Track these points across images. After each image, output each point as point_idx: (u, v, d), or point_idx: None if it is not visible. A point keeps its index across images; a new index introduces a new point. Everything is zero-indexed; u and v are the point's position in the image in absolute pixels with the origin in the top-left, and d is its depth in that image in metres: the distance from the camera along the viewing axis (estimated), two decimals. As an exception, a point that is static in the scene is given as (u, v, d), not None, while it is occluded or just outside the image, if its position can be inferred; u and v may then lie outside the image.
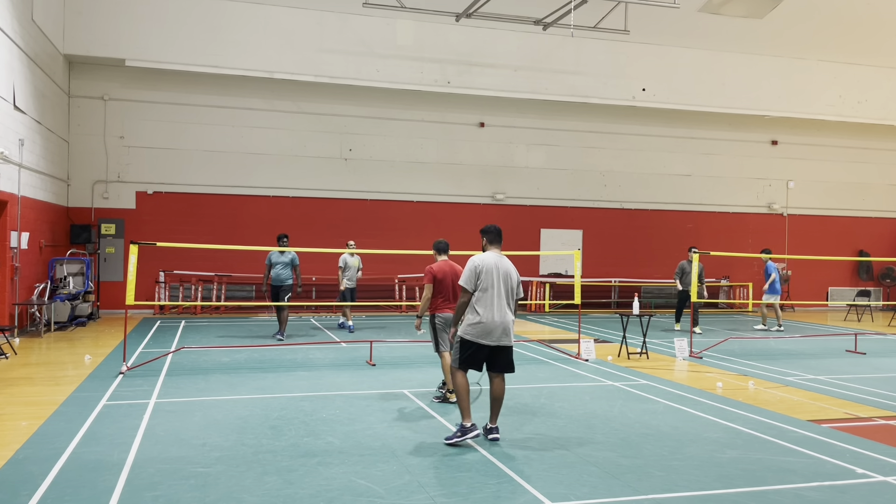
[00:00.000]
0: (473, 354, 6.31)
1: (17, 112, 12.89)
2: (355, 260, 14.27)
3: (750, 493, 5.11)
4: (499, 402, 6.40)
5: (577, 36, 18.06)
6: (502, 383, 6.43)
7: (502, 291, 6.30)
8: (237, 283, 18.07)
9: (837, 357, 11.95)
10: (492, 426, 6.39)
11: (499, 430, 6.41)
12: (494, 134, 20.29)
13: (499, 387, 6.40)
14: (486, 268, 6.29)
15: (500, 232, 6.60)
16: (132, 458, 5.69)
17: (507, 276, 6.35)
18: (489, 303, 6.24)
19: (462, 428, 6.22)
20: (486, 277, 6.27)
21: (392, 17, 17.46)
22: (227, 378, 9.23)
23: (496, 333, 6.25)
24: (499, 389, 6.39)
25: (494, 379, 6.43)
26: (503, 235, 6.72)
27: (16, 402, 7.74)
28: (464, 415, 6.29)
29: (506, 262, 6.43)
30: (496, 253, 6.47)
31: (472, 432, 6.19)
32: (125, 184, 17.73)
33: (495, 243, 6.53)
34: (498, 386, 6.40)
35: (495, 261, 6.36)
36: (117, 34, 16.21)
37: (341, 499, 4.87)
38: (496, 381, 6.42)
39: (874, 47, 20.86)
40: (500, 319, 6.25)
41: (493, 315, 6.23)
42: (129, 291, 9.51)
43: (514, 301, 6.44)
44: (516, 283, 6.43)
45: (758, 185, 22.57)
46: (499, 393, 6.39)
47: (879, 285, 23.40)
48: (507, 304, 6.32)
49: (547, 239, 20.71)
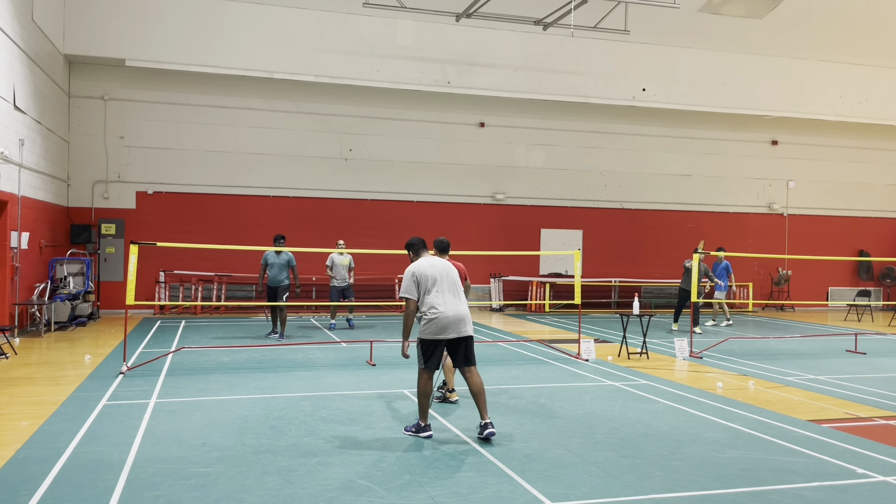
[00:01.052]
0: (435, 352, 6.44)
1: (17, 112, 12.89)
2: (344, 259, 14.28)
3: (750, 493, 5.11)
4: (481, 395, 6.42)
5: (577, 36, 18.06)
6: (477, 376, 6.47)
7: (445, 287, 6.46)
8: (237, 283, 18.07)
9: (837, 357, 11.95)
10: (486, 421, 6.37)
11: (493, 424, 6.39)
12: (494, 134, 20.29)
13: (476, 381, 6.43)
14: (420, 272, 6.47)
15: (423, 242, 6.84)
16: (132, 458, 5.69)
17: (444, 273, 6.54)
18: (438, 300, 6.39)
19: (418, 426, 6.49)
20: (424, 280, 6.44)
21: (392, 17, 17.46)
22: (227, 378, 9.23)
23: (452, 326, 6.37)
24: (477, 383, 6.42)
25: (467, 375, 6.46)
26: (501, 236, 6.80)
27: (16, 402, 7.74)
28: (422, 415, 6.47)
29: (439, 261, 6.67)
30: (426, 257, 6.69)
31: (425, 432, 6.42)
32: (125, 184, 17.73)
33: (421, 251, 6.75)
34: (474, 380, 6.43)
35: (428, 263, 6.57)
36: (117, 34, 16.22)
37: (341, 499, 4.87)
38: (470, 375, 6.45)
39: (874, 47, 20.86)
40: (454, 312, 6.39)
41: (445, 309, 6.36)
42: (130, 291, 9.51)
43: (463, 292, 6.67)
44: (457, 276, 6.64)
45: (758, 185, 22.57)
46: (478, 387, 6.41)
47: (879, 285, 23.40)
48: (456, 297, 6.49)
49: (547, 239, 20.70)
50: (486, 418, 6.39)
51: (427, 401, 6.48)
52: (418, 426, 6.48)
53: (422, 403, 6.47)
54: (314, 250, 14.06)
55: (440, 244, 8.11)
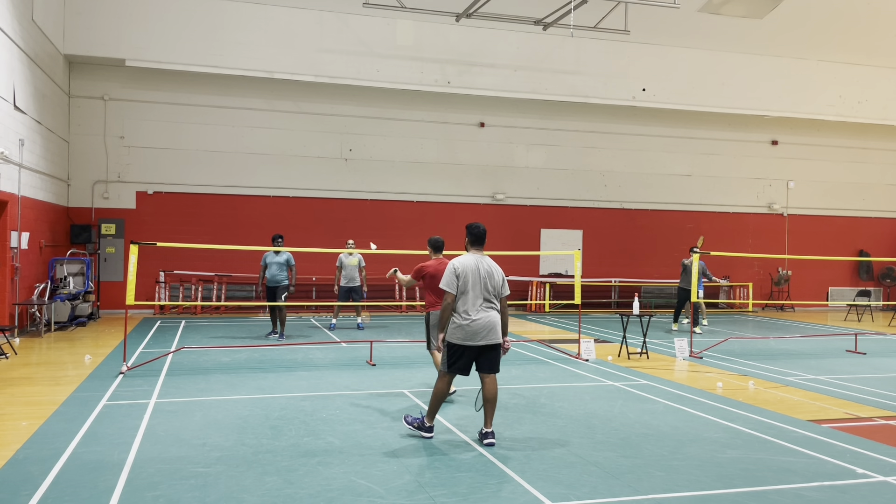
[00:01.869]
0: (461, 358, 6.28)
1: (17, 112, 12.88)
2: (353, 259, 14.21)
3: (750, 493, 5.11)
4: (492, 403, 6.32)
5: (577, 36, 18.06)
6: (494, 383, 6.34)
7: (482, 292, 6.25)
8: (237, 283, 18.07)
9: (837, 357, 11.95)
10: (487, 430, 6.29)
11: (494, 435, 6.31)
12: (494, 134, 20.29)
13: (491, 387, 6.31)
14: (465, 270, 6.24)
15: (483, 234, 6.51)
16: (132, 458, 5.69)
17: (488, 276, 6.28)
18: (472, 304, 6.21)
19: (422, 423, 6.42)
20: (465, 279, 6.22)
21: (392, 17, 17.46)
22: (227, 378, 9.23)
23: (482, 333, 6.20)
24: (491, 390, 6.31)
25: (486, 379, 6.34)
26: (501, 236, 6.74)
27: (16, 402, 7.74)
28: (429, 415, 6.41)
29: (487, 262, 6.37)
30: (477, 254, 6.42)
31: (428, 432, 6.37)
32: (125, 184, 17.73)
33: (476, 245, 6.47)
34: (490, 386, 6.31)
35: (475, 262, 6.31)
36: (117, 34, 16.21)
37: (341, 499, 4.87)
38: (488, 381, 6.33)
39: (874, 47, 20.86)
40: (485, 319, 6.21)
41: (477, 316, 6.20)
42: (130, 291, 9.51)
43: (500, 300, 6.36)
44: (500, 283, 6.35)
45: (758, 185, 22.57)
46: (491, 394, 6.30)
47: (879, 285, 23.40)
48: (491, 304, 6.28)
49: (547, 239, 20.70)
50: (489, 427, 6.31)
51: (439, 403, 6.40)
52: (422, 423, 6.43)
53: (434, 404, 6.40)
54: (314, 250, 14.06)
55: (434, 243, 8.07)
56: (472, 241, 6.48)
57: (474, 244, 6.48)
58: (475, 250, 6.46)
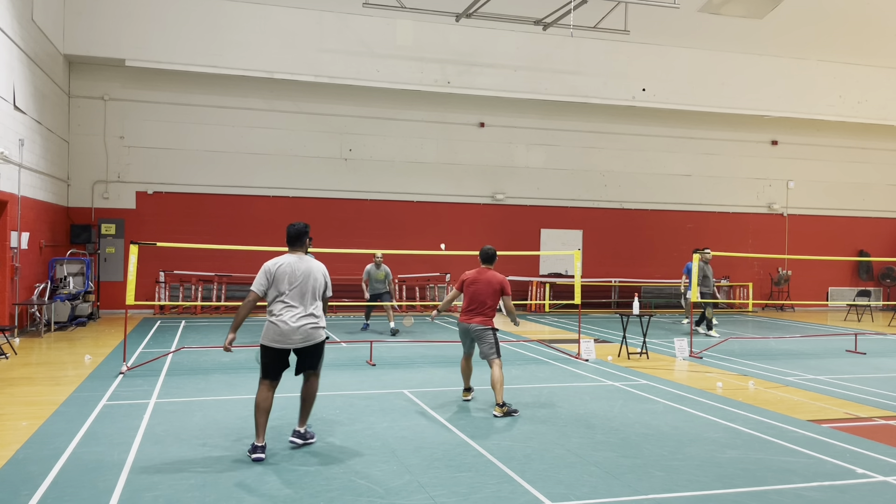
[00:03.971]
0: (273, 361, 5.99)
1: (17, 112, 12.88)
2: (381, 273, 13.98)
3: (750, 493, 5.11)
4: (308, 402, 6.14)
5: (577, 36, 18.05)
6: (314, 383, 6.15)
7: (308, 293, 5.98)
8: (237, 283, 18.05)
9: (837, 357, 11.95)
10: (298, 429, 6.10)
11: (306, 435, 6.08)
12: (494, 134, 20.28)
13: (310, 386, 6.13)
14: (279, 270, 5.99)
15: (300, 233, 6.13)
16: (132, 458, 5.70)
17: (305, 278, 5.99)
18: (285, 306, 5.94)
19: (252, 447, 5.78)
20: (281, 281, 5.96)
21: (392, 17, 17.45)
22: (227, 378, 9.23)
23: (295, 336, 5.92)
24: (310, 388, 6.13)
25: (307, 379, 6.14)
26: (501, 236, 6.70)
27: (16, 402, 7.74)
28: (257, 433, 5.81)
29: (307, 263, 6.07)
30: (296, 255, 6.11)
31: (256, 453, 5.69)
32: (125, 184, 17.73)
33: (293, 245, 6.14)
34: (310, 385, 6.13)
35: (292, 262, 6.03)
36: (117, 34, 16.21)
37: (341, 499, 4.87)
38: (308, 380, 6.13)
39: (874, 48, 20.86)
40: (297, 323, 5.92)
41: (288, 318, 5.93)
42: (130, 291, 9.51)
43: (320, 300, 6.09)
44: (321, 284, 6.08)
45: (758, 185, 22.57)
46: (309, 392, 6.13)
47: (879, 285, 23.40)
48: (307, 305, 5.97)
49: (547, 239, 20.70)
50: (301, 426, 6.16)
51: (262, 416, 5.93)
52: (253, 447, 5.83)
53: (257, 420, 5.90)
54: (314, 250, 14.00)
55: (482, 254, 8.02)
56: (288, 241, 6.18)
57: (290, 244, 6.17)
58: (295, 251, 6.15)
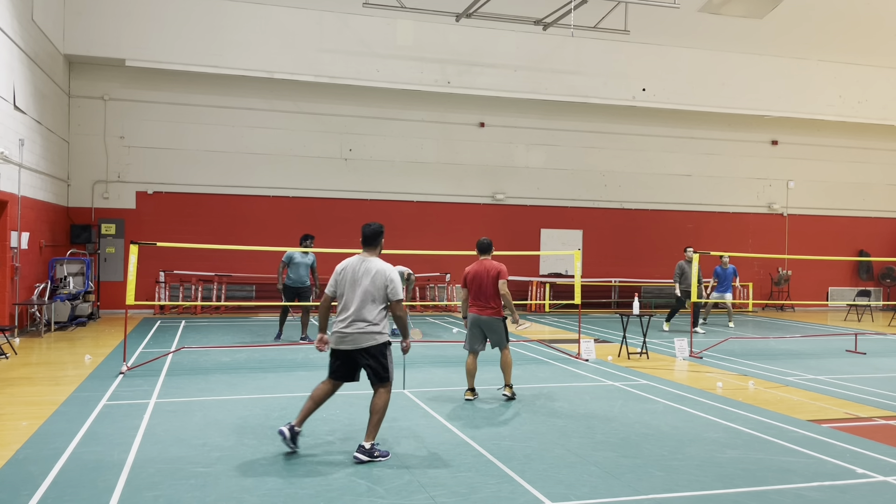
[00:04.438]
0: (335, 362, 5.99)
1: (17, 112, 12.88)
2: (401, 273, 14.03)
3: (750, 493, 5.11)
4: (372, 414, 5.86)
5: (577, 36, 18.04)
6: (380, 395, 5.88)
7: (356, 296, 5.87)
8: (237, 283, 18.07)
9: (837, 357, 11.95)
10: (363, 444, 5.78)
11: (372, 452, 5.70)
12: (494, 134, 20.28)
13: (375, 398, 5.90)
14: (341, 273, 5.98)
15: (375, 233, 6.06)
16: (132, 458, 5.70)
17: (362, 280, 5.88)
18: (342, 309, 5.92)
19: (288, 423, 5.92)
20: (342, 283, 5.95)
21: (392, 17, 17.45)
22: (227, 378, 9.23)
23: (346, 340, 5.87)
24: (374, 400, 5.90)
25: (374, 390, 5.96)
26: (501, 236, 6.69)
27: (16, 402, 7.74)
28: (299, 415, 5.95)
29: (373, 263, 5.95)
30: (363, 256, 6.04)
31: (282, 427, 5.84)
32: (125, 184, 17.73)
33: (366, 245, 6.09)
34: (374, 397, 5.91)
35: (354, 265, 5.98)
36: (117, 34, 16.21)
37: (341, 499, 4.87)
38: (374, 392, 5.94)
39: (874, 47, 20.86)
40: (348, 329, 5.87)
41: (341, 321, 5.89)
42: (130, 291, 9.51)
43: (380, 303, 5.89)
44: (379, 287, 5.87)
45: (758, 185, 22.57)
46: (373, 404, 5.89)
47: (879, 285, 23.40)
48: (365, 309, 5.85)
49: (547, 239, 20.70)
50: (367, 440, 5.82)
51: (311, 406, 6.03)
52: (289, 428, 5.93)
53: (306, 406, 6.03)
54: (315, 250, 14.00)
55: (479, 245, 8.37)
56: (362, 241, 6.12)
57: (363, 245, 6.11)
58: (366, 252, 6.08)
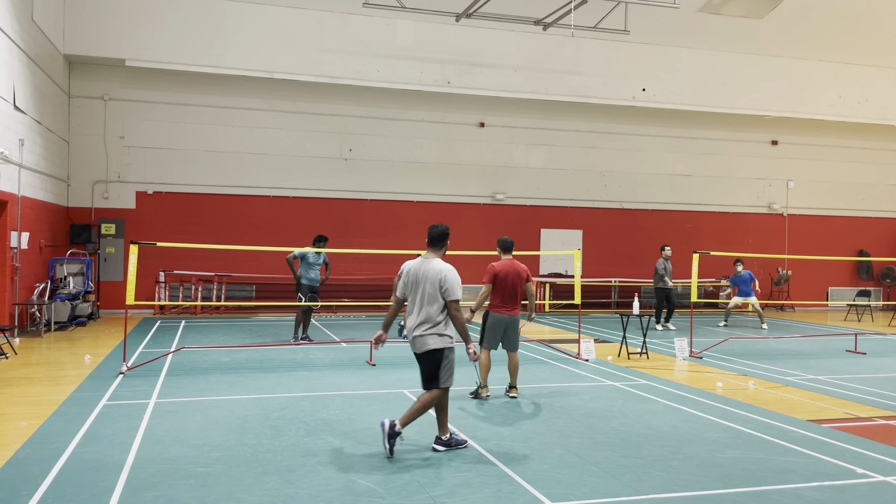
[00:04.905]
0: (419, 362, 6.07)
1: (17, 112, 12.88)
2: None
3: (750, 493, 5.11)
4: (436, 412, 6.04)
5: (577, 36, 18.04)
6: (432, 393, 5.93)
7: (418, 298, 5.95)
8: (237, 283, 18.07)
9: (837, 357, 11.95)
10: (440, 436, 6.02)
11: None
12: (494, 134, 20.28)
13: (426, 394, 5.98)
14: (404, 275, 6.07)
15: (441, 235, 6.13)
16: (132, 458, 5.70)
17: (424, 281, 5.92)
18: (410, 311, 6.00)
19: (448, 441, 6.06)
20: (407, 285, 6.04)
21: (392, 17, 17.45)
22: (227, 378, 9.23)
23: (413, 342, 5.98)
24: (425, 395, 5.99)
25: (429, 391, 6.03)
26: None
27: (16, 402, 7.74)
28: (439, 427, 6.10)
29: (432, 264, 5.97)
30: (423, 257, 6.10)
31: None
32: (125, 184, 17.73)
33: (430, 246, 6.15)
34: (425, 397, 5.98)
35: (415, 266, 6.04)
36: (117, 34, 16.21)
37: (341, 499, 4.87)
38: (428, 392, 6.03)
39: (874, 47, 20.86)
40: (414, 332, 5.94)
41: (409, 323, 5.98)
42: (130, 291, 9.51)
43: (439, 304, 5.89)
44: (435, 288, 5.88)
45: (758, 185, 22.57)
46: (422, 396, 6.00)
47: (879, 285, 23.40)
48: (424, 310, 5.90)
49: (547, 239, 20.70)
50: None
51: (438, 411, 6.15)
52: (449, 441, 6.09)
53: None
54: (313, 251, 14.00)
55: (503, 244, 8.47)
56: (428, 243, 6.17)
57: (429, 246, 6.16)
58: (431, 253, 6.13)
